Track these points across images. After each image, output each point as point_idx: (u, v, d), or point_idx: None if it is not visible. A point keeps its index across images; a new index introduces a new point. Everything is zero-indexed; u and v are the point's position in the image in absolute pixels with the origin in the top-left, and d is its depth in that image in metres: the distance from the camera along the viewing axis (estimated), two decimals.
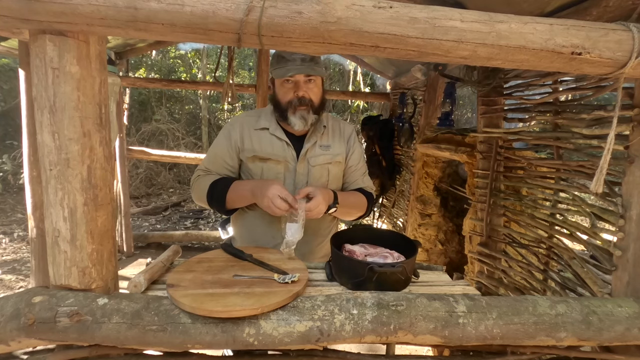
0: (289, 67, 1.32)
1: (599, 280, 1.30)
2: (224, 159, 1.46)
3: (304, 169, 1.44)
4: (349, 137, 1.55)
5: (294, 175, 1.44)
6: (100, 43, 0.92)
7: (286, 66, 1.32)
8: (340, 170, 1.52)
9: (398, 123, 3.64)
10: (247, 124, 1.46)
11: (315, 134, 1.46)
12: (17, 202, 5.54)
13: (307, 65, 1.33)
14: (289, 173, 1.44)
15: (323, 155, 1.46)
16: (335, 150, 1.48)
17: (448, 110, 2.67)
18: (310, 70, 1.33)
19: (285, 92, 1.37)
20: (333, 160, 1.48)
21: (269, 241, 1.47)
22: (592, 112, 1.31)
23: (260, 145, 1.43)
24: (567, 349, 1.09)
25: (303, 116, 1.36)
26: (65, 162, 0.89)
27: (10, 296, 0.96)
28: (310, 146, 1.44)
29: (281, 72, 1.33)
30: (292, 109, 1.36)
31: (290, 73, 1.31)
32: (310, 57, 1.34)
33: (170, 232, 4.49)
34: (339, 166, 1.51)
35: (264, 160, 1.43)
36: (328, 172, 1.47)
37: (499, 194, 1.94)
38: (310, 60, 1.34)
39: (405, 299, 1.00)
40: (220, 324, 0.92)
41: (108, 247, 1.00)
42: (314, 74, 1.34)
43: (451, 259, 3.29)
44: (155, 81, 5.07)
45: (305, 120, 1.36)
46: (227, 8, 0.80)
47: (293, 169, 1.44)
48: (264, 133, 1.44)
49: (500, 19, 0.89)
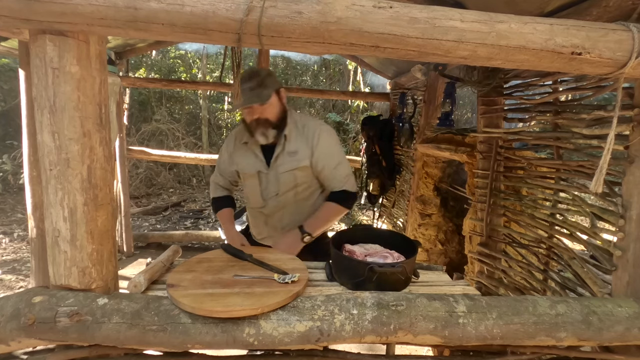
0: (241, 100, 1.46)
1: (599, 280, 1.30)
2: (224, 168, 1.77)
3: (273, 176, 1.60)
4: (312, 137, 1.59)
5: (267, 183, 1.62)
6: (100, 43, 0.92)
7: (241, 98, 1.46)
8: (308, 173, 1.62)
9: (398, 123, 3.64)
10: (238, 138, 1.68)
11: (280, 143, 1.58)
12: (17, 202, 5.53)
13: (255, 93, 1.46)
14: (263, 182, 1.63)
15: (289, 162, 1.58)
16: (300, 155, 1.58)
17: (448, 110, 2.67)
18: (256, 100, 1.46)
19: (246, 115, 1.57)
20: (298, 166, 1.58)
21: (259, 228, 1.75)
22: (592, 112, 1.31)
23: (240, 160, 1.67)
24: (567, 349, 1.09)
25: (264, 133, 1.53)
26: (65, 162, 0.88)
27: (10, 296, 0.96)
28: (279, 153, 1.58)
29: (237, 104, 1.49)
30: (253, 127, 1.54)
31: (238, 107, 1.52)
32: (257, 82, 1.48)
33: (170, 232, 4.49)
34: (306, 170, 1.60)
35: (244, 174, 1.67)
36: (295, 177, 1.59)
37: (499, 194, 1.94)
38: (258, 87, 1.47)
39: (405, 299, 1.00)
40: (220, 324, 0.92)
41: (108, 247, 1.00)
42: (258, 102, 1.46)
43: (451, 259, 3.29)
44: (155, 81, 5.07)
45: (266, 136, 1.53)
46: (227, 8, 0.80)
47: (265, 177, 1.62)
48: (245, 147, 1.65)
49: (500, 19, 0.89)
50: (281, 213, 1.67)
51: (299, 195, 1.64)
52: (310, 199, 1.68)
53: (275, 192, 1.62)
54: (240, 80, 1.44)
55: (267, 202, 1.64)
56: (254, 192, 1.66)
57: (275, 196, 1.62)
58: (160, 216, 5.82)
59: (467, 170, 2.48)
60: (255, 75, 1.51)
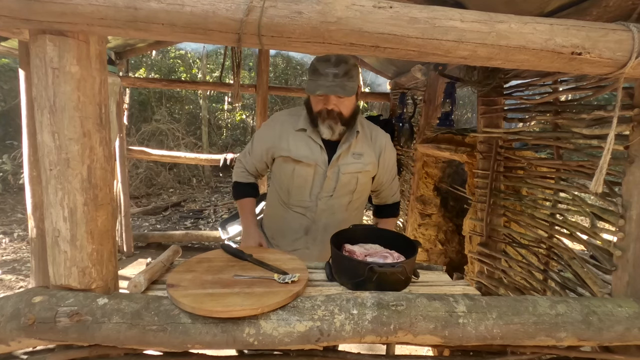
0: (319, 83, 1.34)
1: (599, 280, 1.30)
2: (258, 153, 1.56)
3: (333, 174, 1.46)
4: (382, 148, 1.54)
5: (322, 180, 1.47)
6: (100, 43, 0.92)
7: (317, 81, 1.34)
8: (369, 179, 1.55)
9: (398, 123, 3.64)
10: (288, 124, 1.50)
11: (348, 140, 1.46)
12: (17, 202, 5.53)
13: (338, 82, 1.33)
14: (318, 177, 1.47)
15: (354, 164, 1.47)
16: (366, 159, 1.49)
17: (448, 110, 2.67)
18: (339, 91, 1.33)
19: (316, 103, 1.42)
20: (363, 170, 1.49)
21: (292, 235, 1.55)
22: (592, 112, 1.31)
23: (296, 147, 1.47)
24: (567, 349, 1.09)
25: (331, 126, 1.40)
26: (65, 162, 0.88)
27: (10, 296, 0.96)
28: (343, 152, 1.45)
29: (311, 87, 1.36)
30: (321, 118, 1.41)
31: (318, 92, 1.34)
32: (344, 70, 1.34)
33: (170, 232, 4.49)
34: (368, 175, 1.53)
35: (296, 162, 1.46)
36: (357, 181, 1.49)
37: (499, 194, 1.94)
38: (344, 76, 1.33)
39: (405, 299, 1.00)
40: (220, 324, 0.92)
41: (108, 247, 1.00)
42: (343, 94, 1.34)
43: (451, 259, 3.29)
44: (155, 81, 5.07)
45: (333, 131, 1.41)
46: (227, 8, 0.80)
47: (323, 173, 1.46)
48: (301, 134, 1.48)
49: (500, 19, 0.89)
50: (329, 221, 1.50)
51: (353, 204, 1.53)
52: (360, 209, 1.61)
53: (329, 193, 1.47)
54: (322, 62, 1.35)
55: (316, 203, 1.48)
56: (302, 186, 1.48)
57: (328, 197, 1.47)
58: (160, 216, 5.82)
59: (467, 170, 2.48)
60: (342, 62, 1.35)
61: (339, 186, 1.47)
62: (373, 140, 1.53)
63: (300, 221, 1.52)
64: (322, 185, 1.47)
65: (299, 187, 1.49)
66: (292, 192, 1.51)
